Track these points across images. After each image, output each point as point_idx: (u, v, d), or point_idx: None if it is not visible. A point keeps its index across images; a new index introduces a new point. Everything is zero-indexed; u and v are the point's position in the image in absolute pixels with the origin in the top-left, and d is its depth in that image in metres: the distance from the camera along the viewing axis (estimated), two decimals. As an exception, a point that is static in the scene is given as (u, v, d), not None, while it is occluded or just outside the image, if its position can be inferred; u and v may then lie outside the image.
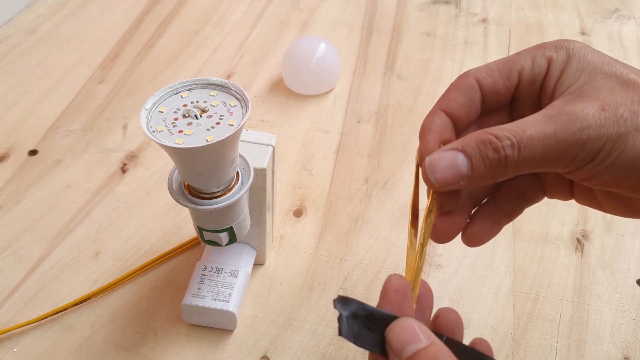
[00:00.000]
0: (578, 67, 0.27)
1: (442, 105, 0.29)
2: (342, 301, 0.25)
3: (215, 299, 0.41)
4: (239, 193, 0.36)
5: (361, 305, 0.25)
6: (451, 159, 0.26)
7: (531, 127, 0.26)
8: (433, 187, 0.27)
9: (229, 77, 0.67)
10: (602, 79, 0.27)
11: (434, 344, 0.24)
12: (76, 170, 0.55)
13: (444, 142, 0.28)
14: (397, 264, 0.47)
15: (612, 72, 0.27)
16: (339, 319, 0.25)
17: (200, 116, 0.33)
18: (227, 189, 0.36)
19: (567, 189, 0.31)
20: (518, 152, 0.25)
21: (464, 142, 0.26)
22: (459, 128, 0.30)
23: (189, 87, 0.35)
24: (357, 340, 0.25)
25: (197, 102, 0.35)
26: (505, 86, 0.29)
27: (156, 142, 0.31)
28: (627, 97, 0.26)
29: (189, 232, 0.50)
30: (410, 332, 0.24)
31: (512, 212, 0.32)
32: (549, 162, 0.26)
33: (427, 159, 0.27)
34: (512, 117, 0.31)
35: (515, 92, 0.29)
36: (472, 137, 0.26)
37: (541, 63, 0.28)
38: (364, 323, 0.25)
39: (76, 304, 0.44)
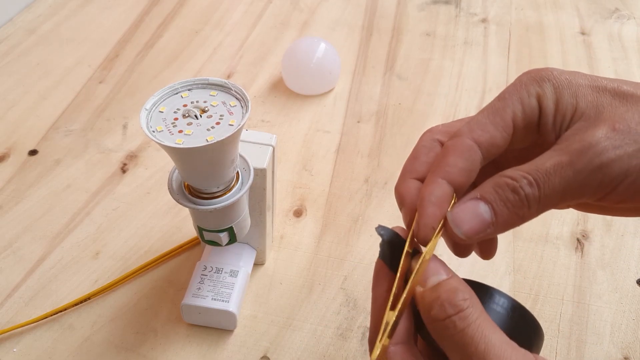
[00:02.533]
0: (570, 94, 0.27)
1: (442, 173, 0.27)
2: (383, 229, 0.28)
3: (215, 299, 0.41)
4: (239, 193, 0.36)
5: (398, 235, 0.28)
6: (473, 209, 0.26)
7: (546, 162, 0.25)
8: (459, 241, 0.26)
9: (229, 77, 0.67)
10: (598, 98, 0.26)
11: (454, 277, 0.26)
12: (76, 170, 0.55)
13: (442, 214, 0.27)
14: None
15: (603, 86, 0.26)
16: (380, 244, 0.28)
17: (200, 116, 0.33)
18: (227, 189, 0.36)
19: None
20: (538, 190, 0.25)
21: (481, 190, 0.26)
22: (460, 192, 0.28)
23: (189, 87, 0.35)
24: (390, 266, 0.28)
25: (197, 102, 0.35)
26: (502, 137, 0.28)
27: (156, 142, 0.31)
28: (632, 111, 0.25)
29: (189, 232, 0.50)
30: (433, 266, 0.26)
31: None
32: (573, 194, 0.25)
33: (449, 214, 0.26)
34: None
35: (512, 137, 0.28)
36: (489, 184, 0.26)
37: (532, 103, 0.27)
38: (397, 251, 0.28)
39: (76, 304, 0.44)
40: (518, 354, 0.23)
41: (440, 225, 0.27)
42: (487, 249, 0.34)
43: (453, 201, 0.27)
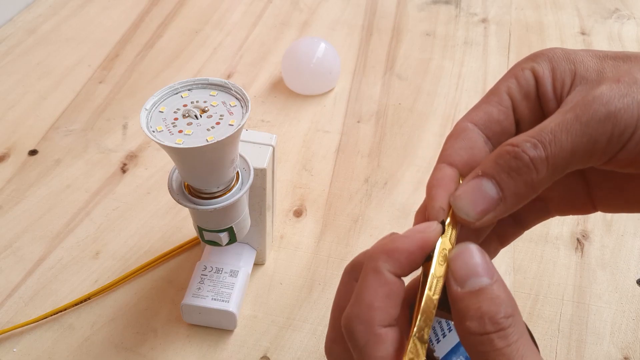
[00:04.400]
0: (567, 61, 0.26)
1: (441, 159, 0.27)
2: None
3: (215, 299, 0.41)
4: (239, 193, 0.36)
5: None
6: (476, 188, 0.24)
7: (549, 122, 0.23)
8: (471, 225, 0.24)
9: (229, 77, 0.67)
10: (599, 63, 0.25)
11: (498, 283, 0.22)
12: (76, 170, 0.55)
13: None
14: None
15: (604, 54, 0.25)
16: None
17: (200, 116, 0.33)
18: (227, 189, 0.36)
19: (584, 198, 0.29)
20: (544, 150, 0.23)
21: (482, 166, 0.24)
22: (467, 173, 0.26)
23: (189, 87, 0.35)
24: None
25: (197, 102, 0.35)
26: (499, 110, 0.26)
27: (156, 142, 0.31)
28: (635, 67, 0.24)
29: (189, 232, 0.50)
30: (474, 262, 0.23)
31: (506, 239, 0.30)
32: (583, 152, 0.23)
33: (451, 197, 0.24)
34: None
35: (515, 114, 0.27)
36: (490, 156, 0.24)
37: (526, 75, 0.26)
38: None
39: (76, 304, 0.44)
40: None
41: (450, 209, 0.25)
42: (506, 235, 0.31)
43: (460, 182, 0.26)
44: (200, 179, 0.35)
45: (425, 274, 0.24)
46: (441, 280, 0.23)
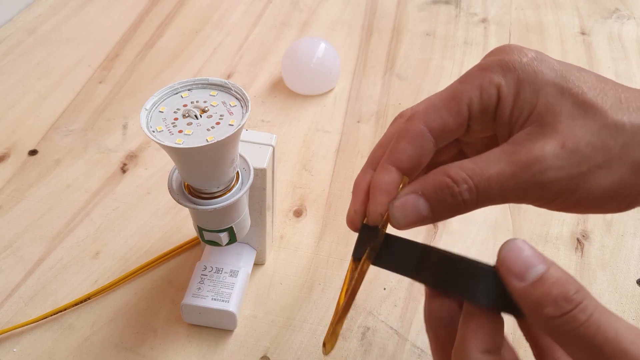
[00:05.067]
0: (532, 90, 0.26)
1: (391, 160, 0.28)
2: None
3: (215, 299, 0.41)
4: (239, 193, 0.36)
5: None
6: (413, 205, 0.27)
7: (491, 167, 0.26)
8: (396, 229, 0.28)
9: (229, 77, 0.67)
10: (558, 102, 0.26)
11: (553, 266, 0.23)
12: (76, 170, 0.55)
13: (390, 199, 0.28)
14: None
15: (568, 89, 0.26)
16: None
17: (200, 116, 0.33)
18: (227, 189, 0.36)
19: None
20: (476, 195, 0.26)
21: (423, 186, 0.27)
22: (410, 176, 0.29)
23: (189, 87, 0.35)
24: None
25: (197, 102, 0.35)
26: (456, 122, 0.28)
27: (156, 142, 0.31)
28: (587, 128, 0.25)
29: (189, 232, 0.50)
30: (526, 255, 0.24)
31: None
32: (511, 200, 0.26)
33: (390, 206, 0.27)
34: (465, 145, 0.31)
35: (468, 122, 0.28)
36: (431, 181, 0.27)
37: (490, 92, 0.27)
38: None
39: (76, 304, 0.44)
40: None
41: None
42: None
43: (401, 185, 0.28)
44: (200, 179, 0.35)
45: (352, 275, 0.28)
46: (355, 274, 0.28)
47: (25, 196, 0.53)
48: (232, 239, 0.39)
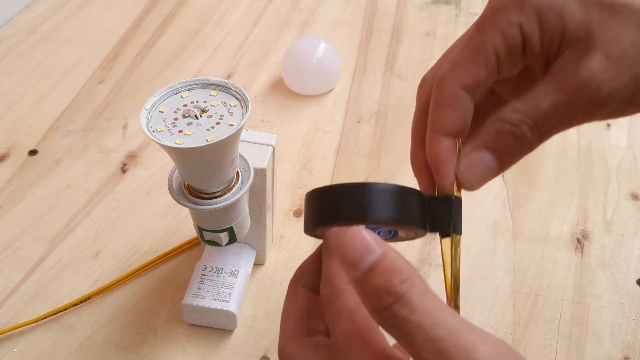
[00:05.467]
0: (555, 15, 0.25)
1: (437, 129, 0.27)
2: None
3: (215, 299, 0.41)
4: (239, 193, 0.36)
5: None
6: (479, 161, 0.26)
7: (543, 101, 0.25)
8: (470, 190, 0.27)
9: (229, 77, 0.67)
10: (586, 13, 0.25)
11: (387, 253, 0.21)
12: (76, 170, 0.55)
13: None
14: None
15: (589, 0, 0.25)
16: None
17: (200, 116, 0.33)
18: (227, 189, 0.36)
19: None
20: (538, 132, 0.25)
21: (483, 140, 0.26)
22: (462, 137, 0.28)
23: (189, 87, 0.35)
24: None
25: (197, 102, 0.35)
26: (487, 73, 0.27)
27: (156, 142, 0.31)
28: (625, 30, 0.24)
29: (189, 232, 0.50)
30: (359, 243, 0.22)
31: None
32: (573, 124, 0.26)
33: (457, 170, 0.27)
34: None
35: (498, 68, 0.27)
36: (489, 131, 0.26)
37: (513, 34, 0.26)
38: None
39: (76, 304, 0.44)
40: (474, 332, 0.20)
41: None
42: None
43: (457, 148, 0.27)
44: (200, 179, 0.35)
45: (450, 247, 0.26)
46: (459, 250, 0.26)
47: (25, 196, 0.53)
48: (232, 239, 0.39)
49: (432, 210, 0.26)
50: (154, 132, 0.33)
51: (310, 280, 0.27)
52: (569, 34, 0.25)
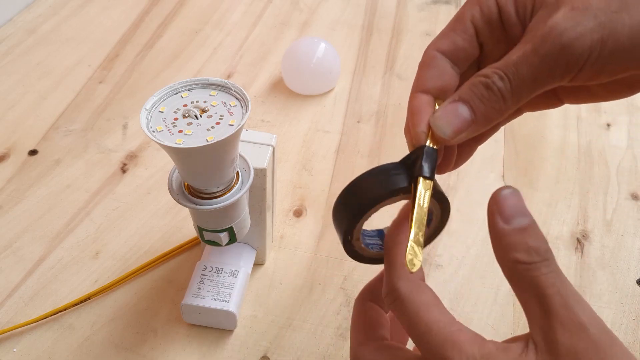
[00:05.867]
0: None
1: (417, 88, 0.30)
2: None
3: (215, 299, 0.41)
4: (239, 193, 0.36)
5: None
6: (453, 110, 0.27)
7: (513, 54, 0.26)
8: (446, 142, 0.28)
9: (229, 77, 0.67)
10: None
11: (536, 225, 0.26)
12: (76, 170, 0.55)
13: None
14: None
15: None
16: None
17: (200, 116, 0.33)
18: (227, 189, 0.36)
19: (552, 95, 0.32)
20: (509, 82, 0.26)
21: (459, 92, 0.27)
22: (443, 97, 0.30)
23: (189, 87, 0.35)
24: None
25: (197, 102, 0.35)
26: (464, 40, 0.29)
27: (156, 142, 0.31)
28: None
29: (189, 232, 0.50)
30: (516, 204, 0.26)
31: (482, 137, 0.32)
32: (543, 80, 0.26)
33: (431, 118, 0.28)
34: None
35: (478, 38, 0.30)
36: (466, 84, 0.27)
37: (489, 4, 0.28)
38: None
39: (76, 304, 0.44)
40: (593, 312, 0.25)
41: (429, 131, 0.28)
42: (465, 154, 0.34)
43: (437, 107, 0.29)
44: (200, 179, 0.35)
45: (415, 189, 0.27)
46: (428, 192, 0.27)
47: (25, 196, 0.53)
48: (232, 239, 0.39)
49: (408, 165, 0.28)
50: (154, 132, 0.33)
51: (376, 296, 0.32)
52: (538, 1, 0.27)
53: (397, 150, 0.58)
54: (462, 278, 0.47)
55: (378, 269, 0.31)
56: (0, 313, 0.44)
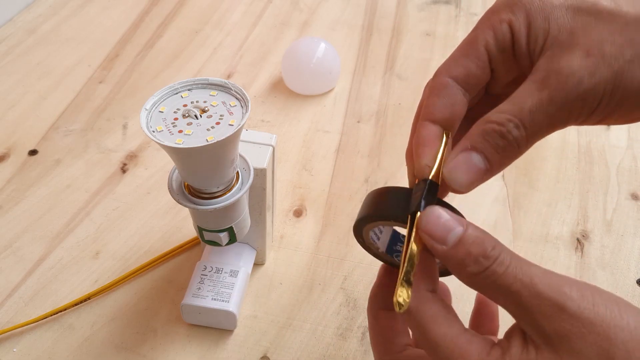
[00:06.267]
0: (542, 17, 0.27)
1: (425, 116, 0.29)
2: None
3: (215, 299, 0.41)
4: (239, 193, 0.36)
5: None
6: (466, 161, 0.26)
7: (527, 100, 0.26)
8: (460, 192, 0.27)
9: (229, 77, 0.67)
10: (572, 19, 0.26)
11: (470, 227, 0.25)
12: (76, 170, 0.55)
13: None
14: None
15: (577, 6, 0.26)
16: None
17: (200, 116, 0.33)
18: (227, 189, 0.36)
19: None
20: (525, 130, 0.26)
21: (471, 140, 0.26)
22: (449, 128, 0.29)
23: (189, 87, 0.35)
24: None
25: (197, 102, 0.35)
26: (478, 66, 0.28)
27: (156, 142, 0.31)
28: (607, 31, 0.25)
29: (189, 232, 0.50)
30: (444, 221, 0.26)
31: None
32: (557, 125, 0.26)
33: (445, 171, 0.27)
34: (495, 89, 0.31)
35: (491, 64, 0.29)
36: (477, 132, 0.26)
37: (502, 29, 0.28)
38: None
39: (76, 304, 0.44)
40: (559, 276, 0.24)
41: (437, 163, 0.27)
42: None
43: (444, 139, 0.28)
44: (200, 179, 0.35)
45: (410, 230, 0.27)
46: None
47: (25, 196, 0.53)
48: (232, 239, 0.39)
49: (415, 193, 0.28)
50: (154, 132, 0.33)
51: (383, 301, 0.31)
52: (552, 36, 0.26)
53: (397, 150, 0.58)
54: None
55: (378, 269, 0.31)
56: (0, 313, 0.44)
